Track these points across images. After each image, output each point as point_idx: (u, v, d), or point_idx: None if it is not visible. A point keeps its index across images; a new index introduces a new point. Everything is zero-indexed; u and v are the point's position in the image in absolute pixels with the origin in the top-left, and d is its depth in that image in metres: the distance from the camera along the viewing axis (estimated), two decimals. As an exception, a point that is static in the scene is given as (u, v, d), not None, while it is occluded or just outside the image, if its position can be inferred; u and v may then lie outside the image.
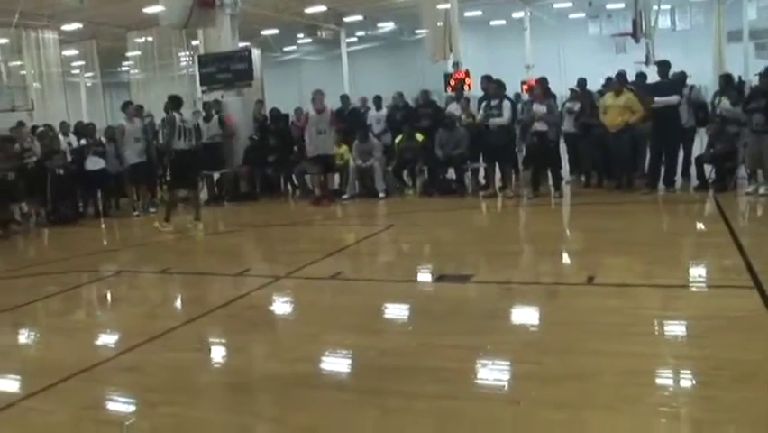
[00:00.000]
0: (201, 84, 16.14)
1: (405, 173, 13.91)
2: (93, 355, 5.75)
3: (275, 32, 35.20)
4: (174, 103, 11.85)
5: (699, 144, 12.59)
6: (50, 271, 9.37)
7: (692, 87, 12.14)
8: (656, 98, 11.33)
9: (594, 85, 13.66)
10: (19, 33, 21.10)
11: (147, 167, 13.63)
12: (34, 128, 15.23)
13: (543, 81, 12.88)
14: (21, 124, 14.87)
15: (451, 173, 13.54)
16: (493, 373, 4.67)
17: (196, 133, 11.88)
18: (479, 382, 4.55)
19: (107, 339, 6.34)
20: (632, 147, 11.69)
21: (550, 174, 12.41)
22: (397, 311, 6.51)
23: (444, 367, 4.69)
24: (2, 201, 12.69)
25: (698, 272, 7.14)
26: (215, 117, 14.89)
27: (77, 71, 32.00)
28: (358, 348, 5.28)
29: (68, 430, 4.39)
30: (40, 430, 4.41)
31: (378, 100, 15.23)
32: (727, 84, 12.57)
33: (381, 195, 13.32)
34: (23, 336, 6.90)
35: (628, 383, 4.22)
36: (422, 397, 4.28)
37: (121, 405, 4.77)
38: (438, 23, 23.59)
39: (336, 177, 13.98)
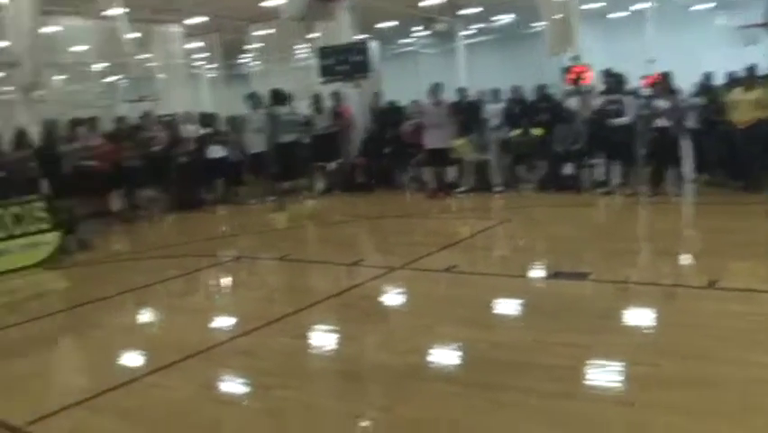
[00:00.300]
0: (321, 75, 16.37)
1: (521, 168, 13.73)
2: (211, 337, 6.00)
3: (391, 24, 35.39)
4: (276, 97, 12.13)
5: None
6: (171, 255, 9.75)
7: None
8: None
9: (721, 79, 13.12)
10: (148, 28, 21.94)
11: (267, 156, 13.96)
12: (160, 117, 15.81)
13: (665, 76, 12.45)
14: (147, 113, 15.49)
15: (568, 169, 13.29)
16: (608, 374, 4.57)
17: (306, 126, 12.08)
18: (592, 381, 4.47)
19: (225, 322, 6.57)
20: (763, 145, 11.13)
21: (671, 171, 12.00)
22: (510, 306, 6.45)
23: (558, 365, 4.62)
24: (128, 188, 13.27)
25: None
26: (327, 109, 15.09)
27: (201, 63, 33.07)
28: (470, 342, 5.26)
29: (188, 407, 4.57)
30: (161, 405, 4.62)
31: (495, 93, 15.10)
32: None
33: (497, 189, 13.21)
34: (146, 316, 7.24)
35: (753, 393, 4.04)
36: (535, 393, 4.24)
37: (237, 386, 4.94)
38: (557, 16, 23.16)
39: (452, 170, 13.94)
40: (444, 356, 5.15)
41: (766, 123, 10.93)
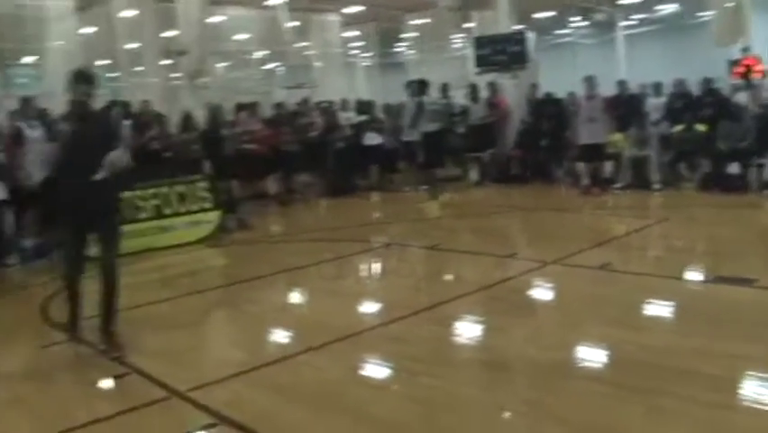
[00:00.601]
0: (477, 65, 16.28)
1: (683, 165, 13.15)
2: (361, 321, 6.12)
3: (549, 14, 34.77)
4: (421, 87, 12.25)
5: None
6: (324, 239, 10.00)
7: None
8: None
9: None
10: (307, 17, 22.53)
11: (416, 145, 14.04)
12: (318, 104, 16.18)
13: None
14: (305, 100, 15.89)
15: (734, 168, 12.62)
16: (772, 387, 4.30)
17: (456, 115, 12.12)
18: (755, 394, 4.21)
19: (374, 308, 6.68)
20: None
21: None
22: (665, 309, 6.17)
23: (715, 374, 4.40)
24: (286, 171, 13.68)
25: None
26: (483, 99, 14.99)
27: (357, 52, 33.68)
28: (620, 342, 5.10)
29: (339, 388, 4.67)
30: (313, 384, 4.74)
31: (657, 87, 14.53)
32: None
33: (656, 186, 12.72)
34: (298, 296, 7.45)
35: None
36: (694, 402, 4.05)
37: (385, 370, 5.00)
38: (727, 4, 22.02)
39: (609, 165, 13.54)
40: (594, 355, 5.02)
41: None
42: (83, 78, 5.47)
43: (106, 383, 5.04)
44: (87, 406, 4.61)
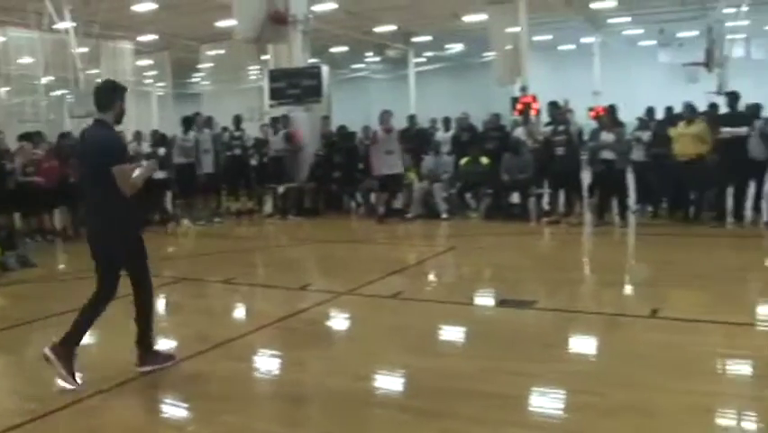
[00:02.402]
0: (271, 98, 16.36)
1: (469, 196, 13.85)
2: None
3: (344, 49, 35.54)
4: (186, 122, 12.73)
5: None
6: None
7: (767, 119, 11.84)
8: (723, 129, 11.11)
9: (662, 114, 13.41)
10: (98, 43, 21.74)
11: (216, 177, 13.90)
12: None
13: (611, 109, 12.71)
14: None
15: (515, 198, 13.48)
16: (554, 402, 4.62)
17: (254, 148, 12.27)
18: (539, 410, 4.52)
19: (169, 345, 6.36)
20: (702, 178, 11.45)
21: (616, 203, 12.28)
22: (456, 334, 6.51)
23: (505, 393, 4.67)
24: (73, 205, 13.03)
25: (765, 310, 6.97)
26: (282, 132, 15.09)
27: (150, 81, 32.83)
28: (416, 369, 5.28)
29: (135, 431, 4.52)
30: (111, 427, 4.56)
31: (446, 121, 15.28)
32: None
33: (444, 216, 13.32)
34: (87, 337, 7.06)
35: (691, 422, 4.15)
36: (481, 422, 4.27)
37: (182, 410, 4.88)
38: (507, 47, 23.54)
39: (400, 196, 14.00)
40: (390, 383, 5.17)
41: (705, 157, 11.26)
42: None
43: None
44: None
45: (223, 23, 21.38)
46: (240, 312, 7.92)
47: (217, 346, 6.00)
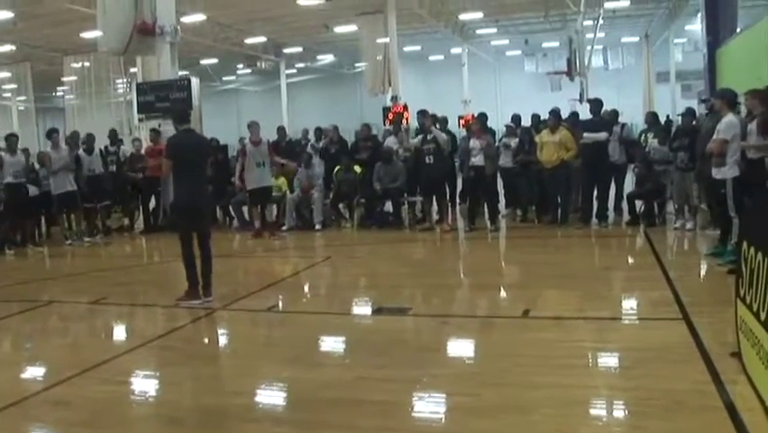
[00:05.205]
0: (139, 112, 15.94)
1: (342, 206, 13.88)
2: (22, 388, 5.55)
3: (214, 61, 35.09)
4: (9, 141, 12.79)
5: (632, 180, 12.86)
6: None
7: (624, 125, 12.45)
8: (585, 134, 11.59)
9: (528, 121, 13.88)
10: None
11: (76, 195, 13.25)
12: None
13: (481, 117, 13.00)
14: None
15: (388, 206, 13.62)
16: (430, 406, 4.69)
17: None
18: (416, 414, 4.56)
19: (37, 372, 6.11)
20: (567, 183, 11.93)
21: (486, 208, 12.61)
22: (334, 344, 6.49)
23: (382, 400, 4.69)
24: None
25: (629, 305, 7.32)
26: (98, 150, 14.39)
27: (9, 94, 31.38)
28: (294, 381, 5.24)
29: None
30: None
31: (319, 132, 15.28)
32: (654, 122, 12.84)
33: (318, 227, 13.29)
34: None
35: (564, 415, 4.28)
36: (359, 430, 4.27)
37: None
38: (378, 57, 23.83)
39: (274, 208, 13.86)
40: (269, 397, 5.10)
41: (569, 163, 11.73)
42: None
43: None
44: None
45: (87, 35, 20.66)
46: (112, 333, 7.63)
47: (88, 370, 5.76)
